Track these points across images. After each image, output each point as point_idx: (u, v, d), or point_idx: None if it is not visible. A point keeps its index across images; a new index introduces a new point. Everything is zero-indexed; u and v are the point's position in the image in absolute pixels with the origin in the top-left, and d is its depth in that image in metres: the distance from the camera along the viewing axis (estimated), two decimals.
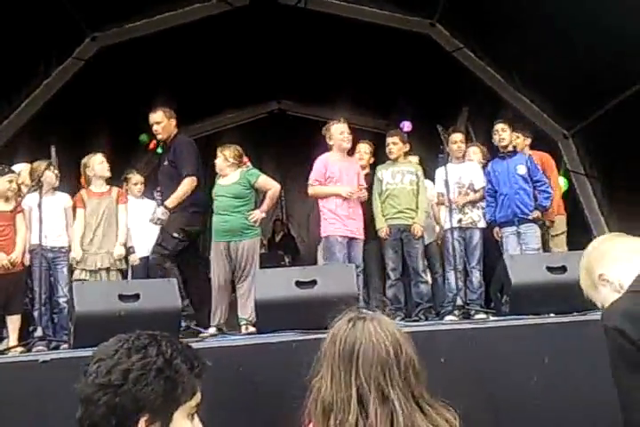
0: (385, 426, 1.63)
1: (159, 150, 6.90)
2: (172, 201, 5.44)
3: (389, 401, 1.66)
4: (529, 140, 6.47)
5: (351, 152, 6.02)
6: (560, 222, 6.44)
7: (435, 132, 5.35)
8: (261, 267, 5.39)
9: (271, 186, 5.75)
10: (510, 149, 5.92)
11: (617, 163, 6.70)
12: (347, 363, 1.70)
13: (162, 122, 5.70)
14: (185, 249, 5.52)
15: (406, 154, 6.18)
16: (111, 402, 1.34)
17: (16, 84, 6.66)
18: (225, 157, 5.68)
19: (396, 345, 1.73)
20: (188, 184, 5.48)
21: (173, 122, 5.77)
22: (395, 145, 5.98)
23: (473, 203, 5.92)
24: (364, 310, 1.85)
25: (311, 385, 1.76)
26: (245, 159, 5.85)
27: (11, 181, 5.38)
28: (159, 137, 5.85)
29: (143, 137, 9.07)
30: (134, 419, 1.35)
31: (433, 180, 6.18)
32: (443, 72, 8.24)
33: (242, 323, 5.31)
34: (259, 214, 5.56)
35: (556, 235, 6.39)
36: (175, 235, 5.39)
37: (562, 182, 7.40)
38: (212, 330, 5.26)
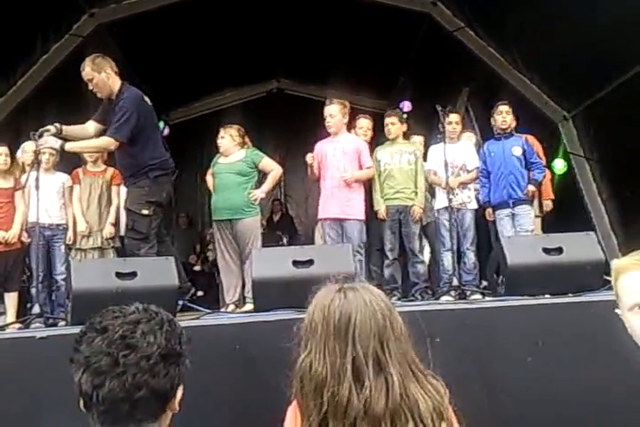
0: (381, 394, 1.64)
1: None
2: (71, 146, 4.63)
3: (386, 370, 1.67)
4: (514, 123, 6.39)
5: (349, 128, 5.90)
6: (536, 207, 6.34)
7: (434, 112, 5.32)
8: None
9: (274, 168, 5.79)
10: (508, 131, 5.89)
11: (617, 145, 6.68)
12: (342, 335, 1.68)
13: (93, 78, 4.64)
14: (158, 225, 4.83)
15: (407, 134, 6.17)
16: (174, 372, 1.47)
17: (13, 61, 6.60)
18: (232, 137, 5.75)
19: (389, 313, 1.73)
20: (101, 142, 4.68)
21: (110, 74, 4.66)
22: (393, 125, 5.96)
23: (464, 184, 5.91)
24: (348, 282, 1.82)
25: (298, 363, 1.73)
26: (247, 139, 5.88)
27: None
28: (99, 95, 4.77)
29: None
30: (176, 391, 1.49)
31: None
32: (443, 52, 8.18)
33: (247, 300, 5.34)
34: (259, 194, 5.59)
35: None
36: (145, 212, 4.66)
37: (561, 165, 7.39)
38: (231, 307, 5.33)
